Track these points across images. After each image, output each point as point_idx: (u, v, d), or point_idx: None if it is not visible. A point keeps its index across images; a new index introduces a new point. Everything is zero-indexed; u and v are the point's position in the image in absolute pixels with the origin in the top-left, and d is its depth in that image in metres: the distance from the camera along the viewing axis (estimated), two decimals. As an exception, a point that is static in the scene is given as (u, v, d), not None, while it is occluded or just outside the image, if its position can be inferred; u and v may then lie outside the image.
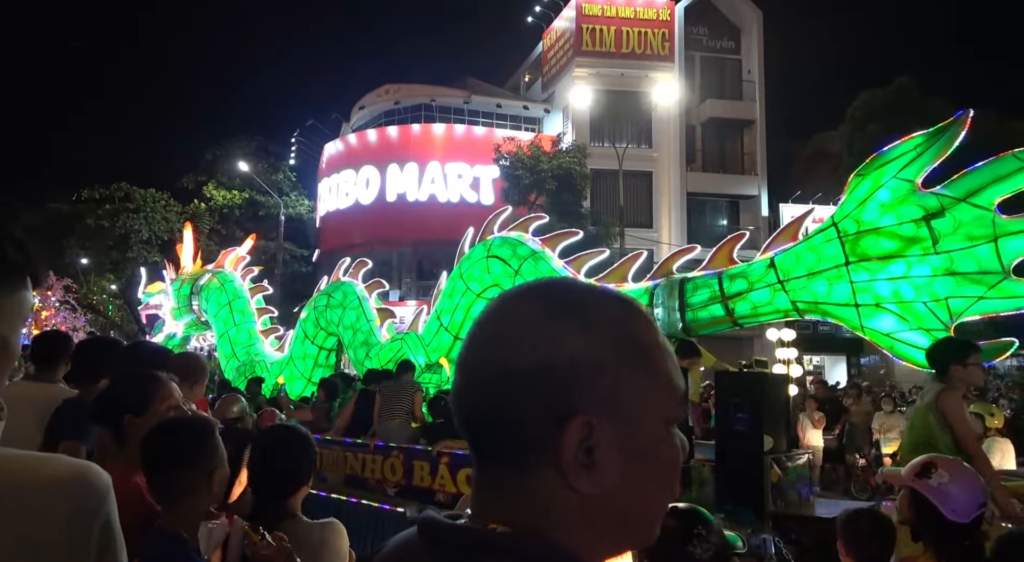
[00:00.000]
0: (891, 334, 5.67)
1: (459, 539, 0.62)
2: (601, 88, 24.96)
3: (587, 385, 0.61)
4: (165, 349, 3.38)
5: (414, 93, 28.17)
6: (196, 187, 29.75)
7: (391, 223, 25.39)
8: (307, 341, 10.90)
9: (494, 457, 0.64)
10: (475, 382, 0.64)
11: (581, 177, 21.51)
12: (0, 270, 0.84)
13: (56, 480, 0.79)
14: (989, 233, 5.15)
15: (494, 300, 0.68)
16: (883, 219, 5.67)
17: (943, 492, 2.06)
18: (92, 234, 26.83)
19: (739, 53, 27.52)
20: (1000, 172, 5.10)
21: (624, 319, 0.65)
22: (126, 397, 1.98)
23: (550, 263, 8.26)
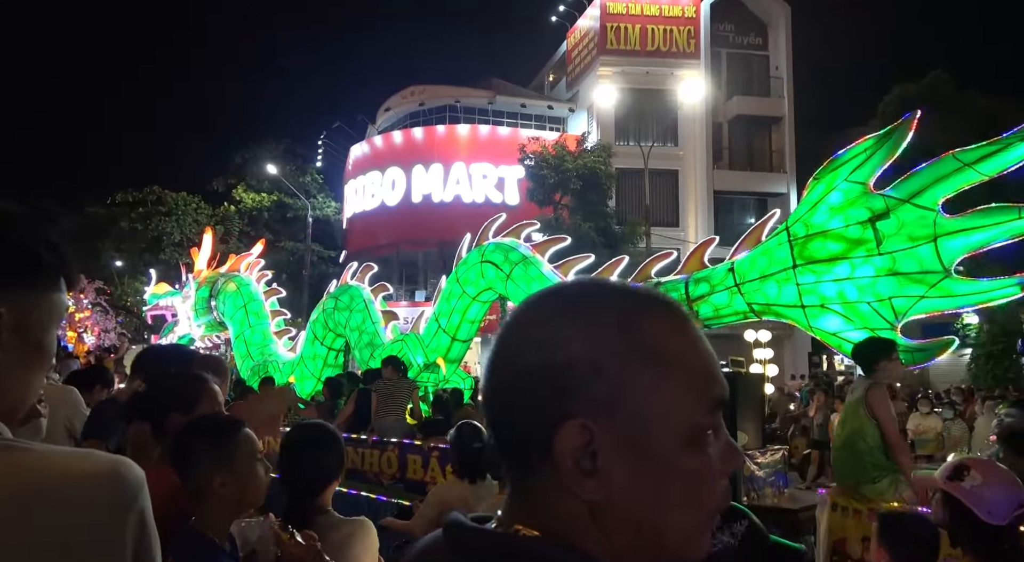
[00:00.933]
0: (837, 333, 5.82)
1: (484, 542, 0.62)
2: (626, 87, 24.82)
3: (584, 387, 0.59)
4: (192, 351, 3.44)
5: (439, 94, 28.29)
6: (226, 190, 30.26)
7: (417, 224, 25.53)
8: (316, 342, 11.29)
9: (509, 461, 0.65)
10: (492, 384, 0.65)
11: (606, 176, 21.40)
12: (34, 272, 0.85)
13: (92, 474, 0.80)
14: (930, 233, 5.25)
15: (523, 302, 0.68)
16: (831, 222, 5.80)
17: (977, 494, 2.03)
18: (126, 237, 27.48)
19: (766, 49, 27.14)
20: (941, 172, 5.20)
21: (636, 318, 0.62)
22: (173, 396, 2.00)
23: (539, 268, 8.57)
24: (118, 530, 0.80)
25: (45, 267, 0.86)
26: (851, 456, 3.86)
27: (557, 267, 8.67)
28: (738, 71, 27.03)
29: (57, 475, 0.78)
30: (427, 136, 27.27)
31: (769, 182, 26.35)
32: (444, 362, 9.55)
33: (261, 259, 13.01)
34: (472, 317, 9.59)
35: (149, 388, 2.14)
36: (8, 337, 0.81)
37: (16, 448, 0.81)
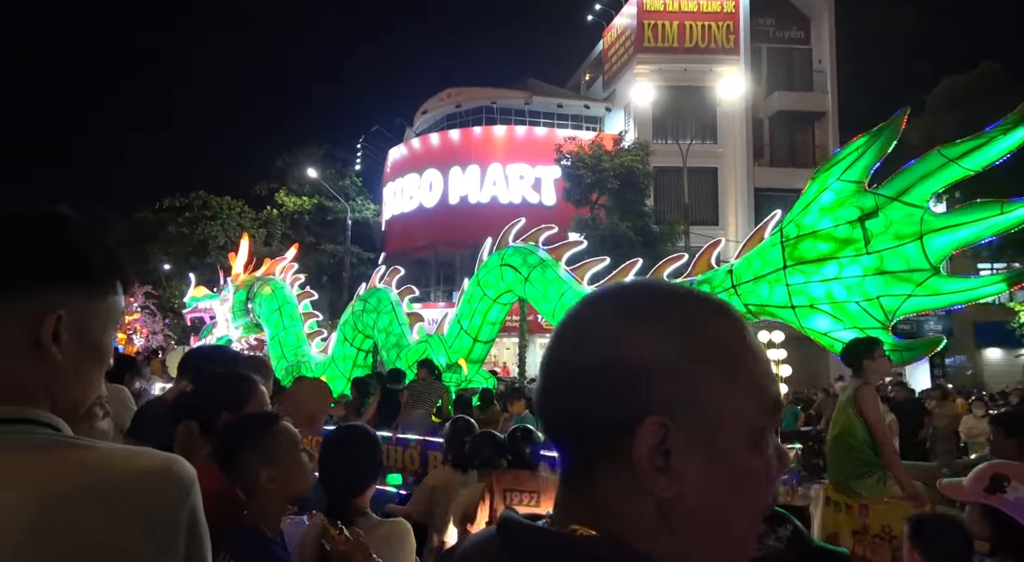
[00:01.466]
0: (828, 333, 5.86)
1: (537, 541, 0.62)
2: (663, 84, 24.54)
3: (660, 385, 0.60)
4: (236, 351, 3.51)
5: (475, 96, 28.41)
6: (268, 194, 30.91)
7: (454, 225, 25.68)
8: (347, 343, 11.59)
9: (570, 459, 0.64)
10: (548, 384, 0.65)
11: (644, 175, 21.19)
12: (91, 276, 0.87)
13: (147, 472, 0.82)
14: (916, 231, 5.22)
15: (580, 301, 0.68)
16: (821, 222, 5.83)
17: (1022, 505, 1.92)
18: (173, 241, 28.28)
19: (808, 43, 26.54)
20: (928, 169, 5.18)
21: (706, 320, 0.63)
22: (223, 396, 2.04)
23: (556, 270, 8.79)
24: (172, 527, 0.82)
25: (102, 271, 0.89)
26: (841, 453, 3.98)
27: (574, 270, 8.87)
28: (779, 66, 26.49)
29: (113, 472, 0.80)
30: (464, 138, 27.41)
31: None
32: (466, 363, 9.76)
33: (295, 263, 13.34)
34: (493, 319, 9.82)
35: (198, 387, 2.19)
36: (67, 339, 0.84)
37: (76, 445, 0.83)
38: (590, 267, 8.91)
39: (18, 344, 0.83)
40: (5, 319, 0.83)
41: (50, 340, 0.83)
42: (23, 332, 0.83)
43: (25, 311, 0.83)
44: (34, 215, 0.88)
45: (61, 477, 0.78)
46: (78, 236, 0.87)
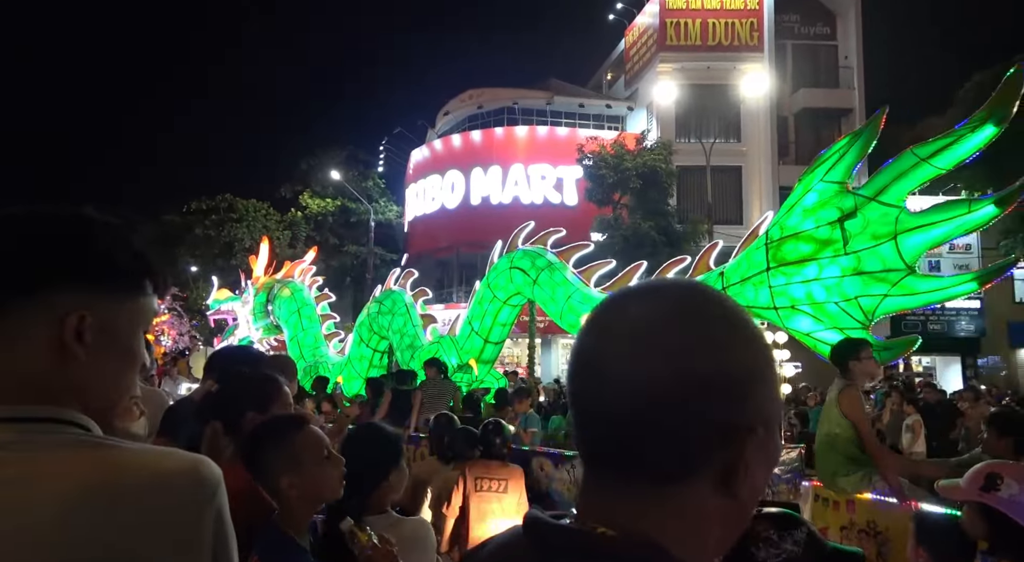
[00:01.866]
0: (811, 334, 5.90)
1: (565, 541, 0.62)
2: (686, 83, 24.34)
3: (752, 394, 0.62)
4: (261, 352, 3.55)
5: (497, 97, 28.43)
6: (293, 196, 31.21)
7: (476, 226, 25.71)
8: (363, 344, 11.88)
9: (628, 465, 0.62)
10: (625, 392, 0.61)
11: (667, 174, 21.03)
12: (119, 278, 0.88)
13: (173, 472, 0.82)
14: (891, 230, 5.25)
15: (624, 304, 0.65)
16: (804, 224, 5.87)
17: (1016, 502, 1.95)
18: (200, 243, 28.69)
19: (835, 38, 26.14)
20: (902, 168, 5.21)
21: (759, 328, 0.67)
22: (249, 395, 2.05)
23: (564, 273, 8.98)
24: (197, 527, 0.82)
25: (129, 273, 0.89)
26: (828, 452, 4.06)
27: (581, 272, 9.07)
28: (804, 62, 26.12)
29: (140, 473, 0.81)
30: (485, 138, 27.44)
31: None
32: (476, 363, 10.00)
33: (313, 266, 13.61)
34: (503, 320, 10.03)
35: (223, 387, 2.21)
36: (93, 339, 0.84)
37: (104, 445, 0.84)
38: (597, 269, 9.09)
39: (44, 345, 0.83)
40: (30, 320, 0.83)
41: (74, 340, 0.83)
42: (48, 333, 0.83)
43: (50, 312, 0.83)
44: (58, 216, 0.88)
45: (89, 477, 0.78)
46: (102, 237, 0.88)
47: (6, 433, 0.80)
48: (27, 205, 0.89)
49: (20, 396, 0.82)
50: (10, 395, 0.82)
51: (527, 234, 9.70)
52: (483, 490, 3.91)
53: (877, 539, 3.73)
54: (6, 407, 0.82)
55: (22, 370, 0.83)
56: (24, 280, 0.83)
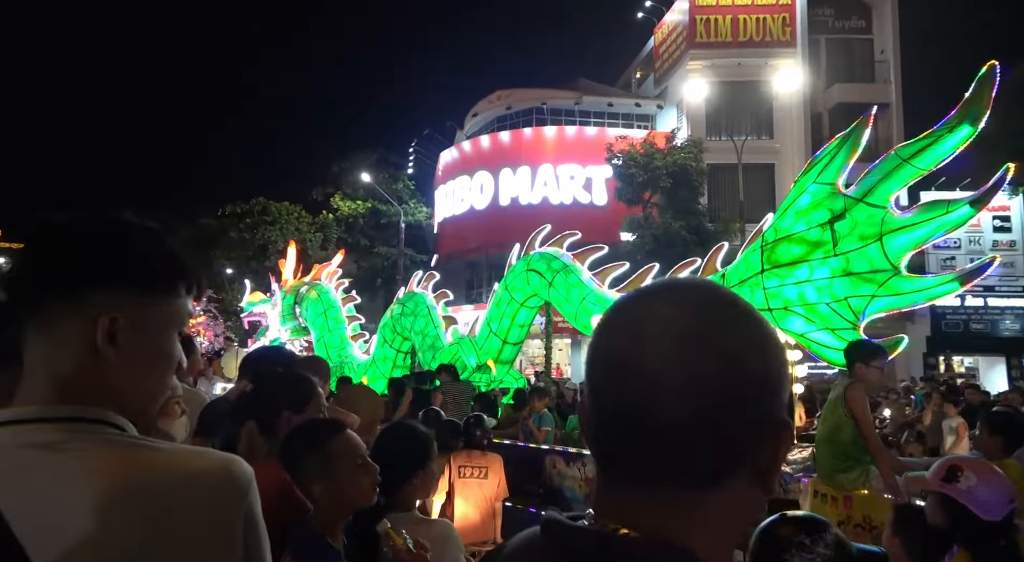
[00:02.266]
0: (804, 335, 5.99)
1: (585, 542, 0.61)
2: (717, 80, 24.04)
3: (785, 390, 0.64)
4: (293, 352, 3.59)
5: (525, 97, 28.43)
6: (324, 199, 31.59)
7: (505, 226, 25.71)
8: (386, 345, 12.17)
9: (657, 465, 0.61)
10: (661, 391, 0.60)
11: (697, 173, 20.81)
12: (151, 279, 0.89)
13: (205, 472, 0.83)
14: (876, 231, 5.36)
15: (643, 303, 0.65)
16: (796, 225, 5.98)
17: (973, 494, 2.10)
18: (235, 246, 29.22)
19: (870, 32, 25.58)
20: (887, 170, 5.38)
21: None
22: (284, 395, 2.07)
23: (579, 275, 9.17)
24: (229, 527, 0.83)
25: (163, 275, 0.90)
26: (829, 449, 4.13)
27: (596, 274, 9.26)
28: (838, 57, 25.61)
29: (172, 472, 0.82)
30: (514, 139, 27.46)
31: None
32: (494, 363, 10.24)
33: (340, 269, 13.94)
34: (521, 321, 10.24)
35: (259, 387, 2.24)
36: (125, 341, 0.85)
37: (137, 445, 0.85)
38: (611, 272, 9.28)
39: (79, 346, 0.84)
40: (66, 322, 0.85)
41: (105, 342, 0.84)
42: (83, 334, 0.84)
43: (84, 314, 0.84)
44: (94, 220, 0.90)
45: (123, 476, 0.79)
46: (136, 240, 0.89)
47: (45, 433, 0.81)
48: (68, 212, 0.91)
49: (59, 396, 0.83)
50: (49, 395, 0.84)
51: (544, 237, 9.90)
52: (466, 476, 4.42)
53: (872, 534, 3.82)
54: (45, 406, 0.83)
55: (60, 371, 0.84)
56: (62, 282, 0.85)
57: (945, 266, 22.46)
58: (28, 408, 0.83)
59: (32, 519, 0.76)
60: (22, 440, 0.81)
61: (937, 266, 22.60)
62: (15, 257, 0.89)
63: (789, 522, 1.66)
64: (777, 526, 1.64)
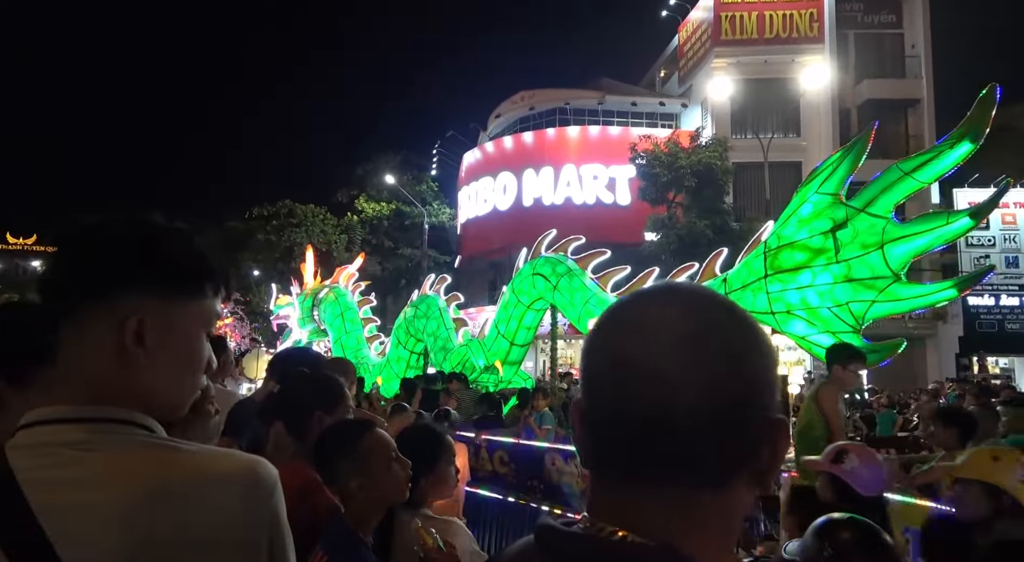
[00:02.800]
0: (805, 337, 6.23)
1: (580, 549, 0.60)
2: (742, 77, 23.77)
3: (779, 389, 0.65)
4: (320, 354, 3.62)
5: (548, 98, 28.40)
6: (349, 201, 31.88)
7: (528, 227, 25.61)
8: (400, 346, 12.49)
9: (659, 467, 0.61)
10: (664, 392, 0.60)
11: (723, 172, 20.59)
12: (177, 281, 0.90)
13: (230, 473, 0.84)
14: (878, 240, 5.59)
15: (644, 305, 0.65)
16: (799, 233, 6.23)
17: (855, 473, 2.45)
18: (262, 248, 29.60)
19: (900, 27, 25.09)
20: (888, 181, 5.58)
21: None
22: (314, 395, 2.09)
23: (582, 279, 9.50)
24: (253, 528, 0.83)
25: (190, 276, 0.90)
26: (802, 444, 4.25)
27: (598, 278, 9.59)
28: (868, 53, 25.17)
29: (198, 473, 0.82)
30: (537, 140, 27.44)
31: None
32: (501, 365, 10.60)
33: (357, 272, 14.29)
34: (528, 324, 10.57)
35: (287, 388, 2.25)
36: (153, 342, 0.86)
37: (164, 446, 0.85)
38: (613, 276, 9.62)
39: (109, 347, 0.85)
40: (96, 323, 0.85)
41: (133, 343, 0.85)
42: (111, 335, 0.85)
43: (112, 315, 0.85)
44: (121, 222, 0.90)
45: (151, 477, 0.80)
46: (164, 242, 0.90)
47: (76, 433, 0.82)
48: (99, 215, 0.92)
49: (90, 396, 0.84)
50: (80, 396, 0.84)
51: (550, 241, 10.25)
52: None
53: None
54: (76, 407, 0.84)
55: (92, 371, 0.85)
56: (92, 285, 0.86)
57: (979, 265, 22.04)
58: (61, 408, 0.84)
59: (62, 518, 0.77)
60: (55, 439, 0.82)
61: (970, 264, 22.13)
62: (49, 259, 0.90)
63: (849, 526, 1.74)
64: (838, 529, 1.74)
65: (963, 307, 21.91)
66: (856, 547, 1.68)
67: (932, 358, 22.60)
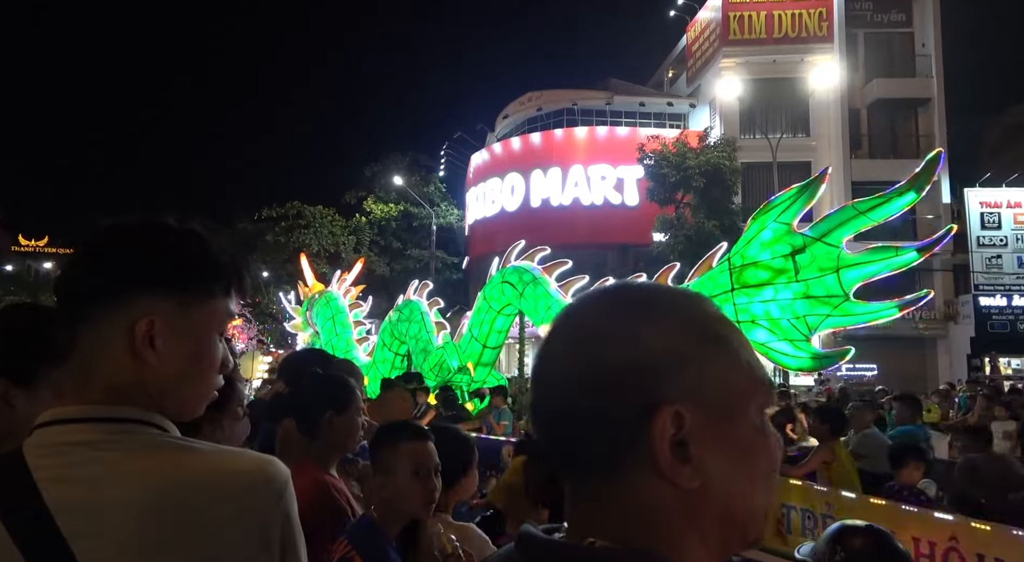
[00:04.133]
0: (765, 343, 6.95)
1: (558, 557, 0.61)
2: (751, 77, 23.67)
3: (670, 375, 0.60)
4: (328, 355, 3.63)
5: (556, 98, 28.39)
6: (357, 202, 31.96)
7: (536, 228, 25.64)
8: (385, 348, 13.23)
9: (582, 465, 0.62)
10: (555, 390, 0.63)
11: (731, 172, 20.52)
12: (187, 282, 0.90)
13: (242, 472, 0.84)
14: (834, 265, 6.62)
15: (565, 309, 0.68)
16: (761, 254, 7.21)
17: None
18: (271, 249, 29.73)
19: (910, 26, 24.93)
20: (844, 218, 6.62)
21: (694, 309, 0.65)
22: (328, 396, 2.11)
23: (547, 287, 10.38)
24: (266, 528, 0.84)
25: (200, 277, 0.91)
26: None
27: (561, 286, 10.42)
28: (877, 52, 25.02)
29: (211, 473, 0.83)
30: (545, 140, 27.43)
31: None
32: (473, 366, 11.40)
33: (348, 275, 15.04)
34: (499, 328, 11.38)
35: (299, 387, 2.27)
36: (164, 343, 0.87)
37: (178, 446, 0.86)
38: (575, 282, 10.58)
39: (121, 348, 0.86)
40: (109, 325, 0.86)
41: (144, 345, 0.86)
42: (124, 337, 0.86)
43: (125, 317, 0.86)
44: (134, 224, 0.91)
45: (165, 477, 0.81)
46: (174, 244, 0.90)
47: (91, 432, 0.83)
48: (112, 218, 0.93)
49: (103, 397, 0.85)
50: (94, 396, 0.85)
51: (519, 251, 11.19)
52: None
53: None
54: (91, 407, 0.85)
55: (105, 373, 0.86)
56: (106, 287, 0.87)
57: (991, 265, 21.90)
58: (76, 408, 0.85)
59: (78, 516, 0.78)
60: (70, 439, 0.83)
61: (982, 264, 22.00)
62: (65, 262, 0.92)
63: (863, 533, 1.74)
64: (852, 535, 1.74)
65: (975, 307, 21.75)
66: (868, 554, 1.67)
67: (943, 359, 22.44)
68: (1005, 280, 21.97)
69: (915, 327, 22.78)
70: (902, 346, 22.43)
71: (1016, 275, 21.91)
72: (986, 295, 21.81)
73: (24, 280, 42.76)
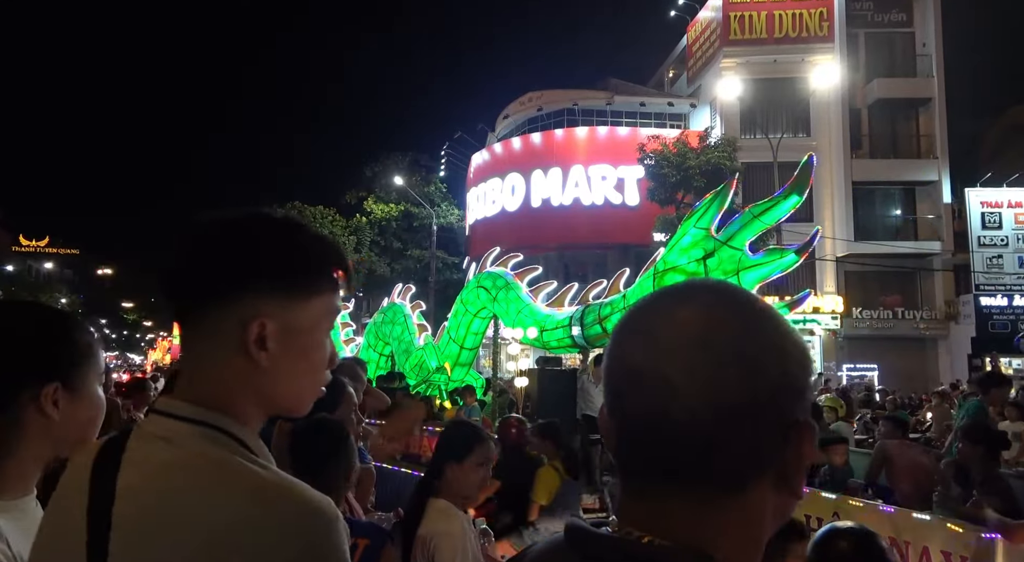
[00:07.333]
0: None
1: (606, 550, 0.61)
2: (751, 77, 23.66)
3: (808, 391, 0.64)
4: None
5: (556, 98, 28.39)
6: (358, 202, 31.99)
7: (537, 228, 25.72)
8: (370, 349, 13.86)
9: (692, 473, 0.61)
10: (690, 398, 0.60)
11: (732, 172, 20.49)
12: (299, 280, 0.87)
13: (291, 502, 0.78)
14: (735, 268, 7.10)
15: (656, 307, 0.66)
16: (680, 259, 7.92)
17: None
18: (271, 249, 29.77)
19: (911, 25, 24.92)
20: (743, 222, 7.13)
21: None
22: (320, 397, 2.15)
23: (518, 292, 10.98)
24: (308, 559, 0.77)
25: (309, 272, 0.88)
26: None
27: (532, 291, 11.03)
28: (878, 52, 25.01)
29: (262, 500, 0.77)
30: (545, 140, 27.43)
31: (917, 169, 24.09)
32: (451, 366, 11.97)
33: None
34: (475, 330, 11.95)
35: None
36: (277, 344, 0.84)
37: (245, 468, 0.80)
38: (544, 288, 11.29)
39: (231, 348, 0.84)
40: (217, 324, 0.84)
41: (256, 347, 0.83)
42: (233, 337, 0.83)
43: (235, 316, 0.83)
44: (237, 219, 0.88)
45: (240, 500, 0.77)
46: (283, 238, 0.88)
47: (179, 429, 0.82)
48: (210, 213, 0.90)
49: (209, 397, 0.83)
50: (200, 394, 0.84)
51: (494, 257, 11.78)
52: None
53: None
54: (190, 405, 0.83)
55: (211, 370, 0.84)
56: (217, 285, 0.84)
57: (992, 265, 21.90)
58: (179, 403, 0.84)
59: (129, 504, 0.78)
60: (162, 430, 0.83)
61: (983, 264, 22.00)
62: (172, 257, 0.88)
63: (844, 535, 1.79)
64: (834, 539, 1.80)
65: (975, 307, 21.75)
66: (851, 555, 1.72)
67: (944, 359, 22.44)
68: (1006, 280, 21.97)
69: (916, 327, 22.78)
70: (903, 346, 22.42)
71: (1017, 275, 21.91)
72: (987, 295, 21.82)
73: (25, 280, 42.78)
